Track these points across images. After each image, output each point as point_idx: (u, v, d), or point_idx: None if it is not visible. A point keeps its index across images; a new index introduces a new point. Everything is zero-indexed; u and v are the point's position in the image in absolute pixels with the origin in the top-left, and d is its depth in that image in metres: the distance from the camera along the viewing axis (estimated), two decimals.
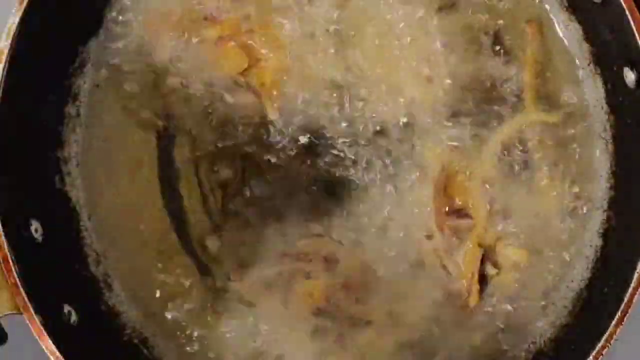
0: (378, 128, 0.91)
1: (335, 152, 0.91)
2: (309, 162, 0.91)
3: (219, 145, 0.92)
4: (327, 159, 0.91)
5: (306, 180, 0.91)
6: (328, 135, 0.91)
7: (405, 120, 0.91)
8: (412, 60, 0.92)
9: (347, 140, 0.91)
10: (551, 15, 0.93)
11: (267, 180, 0.92)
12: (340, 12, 0.92)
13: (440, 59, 0.91)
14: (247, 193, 0.92)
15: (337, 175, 0.91)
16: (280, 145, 0.92)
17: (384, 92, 0.92)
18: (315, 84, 0.92)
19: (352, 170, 0.91)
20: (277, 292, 0.90)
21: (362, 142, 0.91)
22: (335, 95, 0.91)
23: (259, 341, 0.91)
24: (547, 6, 0.93)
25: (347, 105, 0.91)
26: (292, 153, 0.92)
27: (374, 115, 0.91)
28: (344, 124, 0.91)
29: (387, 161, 0.91)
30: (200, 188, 0.92)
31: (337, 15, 0.92)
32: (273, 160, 0.92)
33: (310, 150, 0.91)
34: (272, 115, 0.92)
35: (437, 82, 0.91)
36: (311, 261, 0.90)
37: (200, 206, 0.92)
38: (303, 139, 0.91)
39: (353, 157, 0.91)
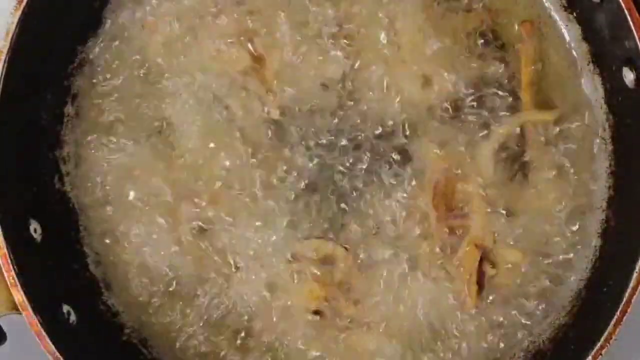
0: (376, 129, 0.91)
1: (333, 153, 0.91)
2: (307, 164, 0.91)
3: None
4: (324, 161, 0.91)
5: (304, 182, 0.91)
6: (326, 136, 0.91)
7: (403, 121, 0.91)
8: (410, 61, 0.92)
9: (345, 141, 0.91)
10: (551, 15, 0.93)
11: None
12: (339, 12, 0.92)
13: (437, 60, 0.91)
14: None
15: (335, 176, 0.91)
16: (280, 144, 0.92)
17: (382, 93, 0.91)
18: (314, 84, 0.92)
19: (350, 172, 0.91)
20: (277, 292, 0.91)
21: (360, 144, 0.91)
22: (334, 96, 0.91)
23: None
24: (546, 6, 0.93)
25: (345, 106, 0.91)
26: (291, 154, 0.92)
27: (372, 116, 0.91)
28: (342, 125, 0.91)
29: (386, 162, 0.91)
30: None
31: (336, 15, 0.92)
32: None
33: (309, 151, 0.91)
34: (273, 114, 0.92)
35: (435, 83, 0.91)
36: (311, 262, 0.90)
37: None
38: (303, 139, 0.91)
39: (351, 159, 0.91)
